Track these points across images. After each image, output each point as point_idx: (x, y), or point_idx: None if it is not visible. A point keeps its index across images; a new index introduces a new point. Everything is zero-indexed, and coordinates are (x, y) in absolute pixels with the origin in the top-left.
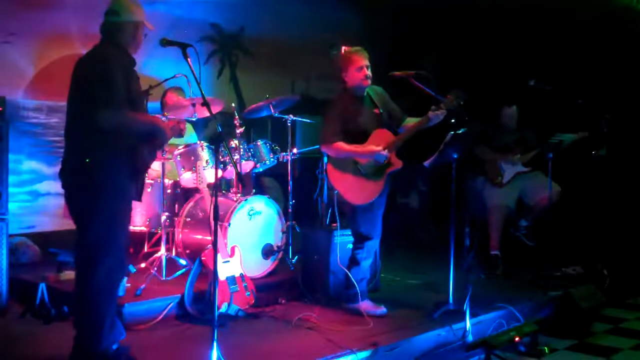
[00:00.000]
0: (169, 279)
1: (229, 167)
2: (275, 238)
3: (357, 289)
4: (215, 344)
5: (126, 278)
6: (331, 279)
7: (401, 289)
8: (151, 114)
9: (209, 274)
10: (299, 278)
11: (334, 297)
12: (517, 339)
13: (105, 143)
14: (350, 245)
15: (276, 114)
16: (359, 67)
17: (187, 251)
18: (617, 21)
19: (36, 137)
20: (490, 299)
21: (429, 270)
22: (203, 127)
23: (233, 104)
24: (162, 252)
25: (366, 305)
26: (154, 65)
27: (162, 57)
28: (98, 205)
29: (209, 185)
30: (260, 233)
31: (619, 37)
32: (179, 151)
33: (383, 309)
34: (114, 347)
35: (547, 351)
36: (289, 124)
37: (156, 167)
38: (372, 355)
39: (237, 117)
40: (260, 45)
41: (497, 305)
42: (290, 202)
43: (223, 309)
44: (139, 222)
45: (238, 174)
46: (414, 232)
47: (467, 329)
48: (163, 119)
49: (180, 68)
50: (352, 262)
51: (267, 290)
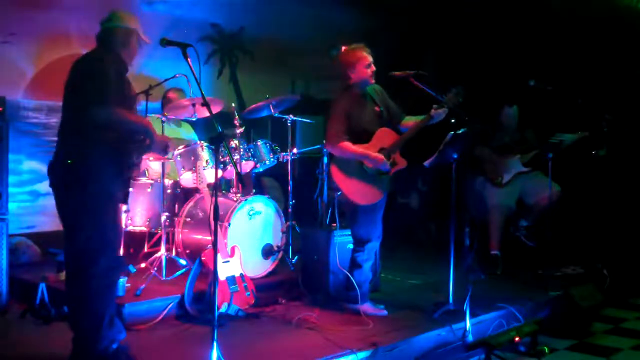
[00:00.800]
0: (169, 279)
1: (229, 167)
2: (275, 238)
3: (359, 291)
4: (215, 344)
5: (126, 278)
6: (331, 279)
7: (401, 289)
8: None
9: (209, 274)
10: (299, 278)
11: (334, 297)
12: (517, 339)
13: (91, 143)
14: (350, 245)
15: (276, 114)
16: (367, 63)
17: (187, 251)
18: (617, 21)
19: (36, 137)
20: (490, 299)
21: (429, 270)
22: (203, 128)
23: (233, 104)
24: (162, 252)
25: (366, 307)
26: (154, 65)
27: (162, 57)
28: (83, 206)
29: (209, 185)
30: (260, 233)
31: (619, 37)
32: (179, 151)
33: (383, 311)
34: (114, 346)
35: (547, 351)
36: (289, 124)
37: (156, 167)
38: (372, 355)
39: (237, 117)
40: (260, 45)
41: (497, 305)
42: (290, 202)
43: (223, 309)
44: (139, 222)
45: (238, 174)
46: (414, 232)
47: (467, 329)
48: (163, 118)
49: (180, 68)
50: (354, 264)
51: (267, 290)
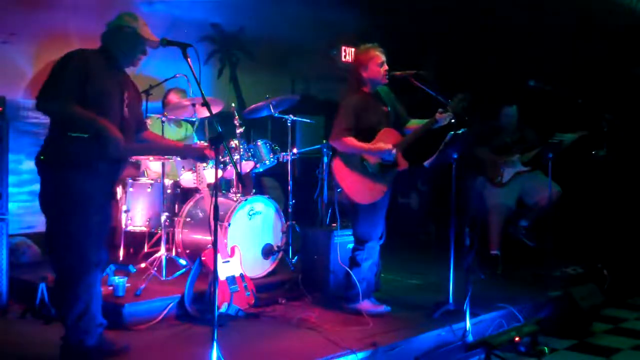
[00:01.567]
0: (169, 279)
1: (229, 167)
2: (275, 238)
3: (358, 288)
4: (215, 344)
5: (126, 278)
6: (331, 279)
7: (401, 289)
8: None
9: (209, 274)
10: (299, 278)
11: (334, 297)
12: (517, 339)
13: (59, 140)
14: (351, 245)
15: (276, 114)
16: (380, 62)
17: (187, 251)
18: (617, 21)
19: (36, 137)
20: (490, 299)
21: (429, 270)
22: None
23: (233, 104)
24: (162, 252)
25: (366, 305)
26: (154, 65)
27: (162, 57)
28: (52, 200)
29: (209, 185)
30: (260, 233)
31: (619, 37)
32: None
33: (383, 308)
34: (90, 342)
35: (547, 351)
36: (289, 124)
37: (156, 167)
38: (372, 355)
39: (237, 117)
40: (260, 45)
41: (497, 305)
42: (290, 202)
43: (223, 309)
44: (139, 222)
45: (238, 174)
46: (414, 232)
47: (467, 329)
48: (163, 119)
49: (180, 68)
50: (352, 263)
51: (267, 290)
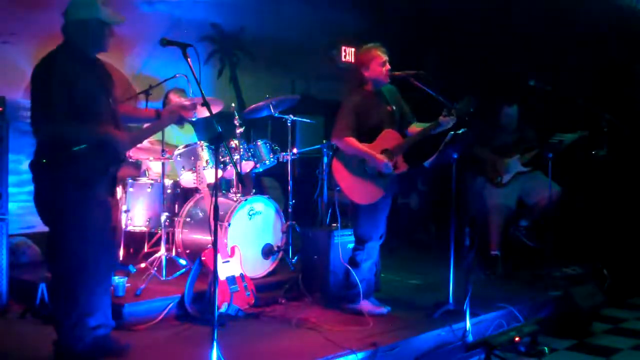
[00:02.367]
0: (169, 279)
1: (229, 167)
2: (275, 238)
3: (359, 289)
4: (215, 344)
5: (126, 278)
6: (331, 279)
7: (401, 289)
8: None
9: (209, 274)
10: (299, 278)
11: (334, 297)
12: (517, 339)
13: (58, 145)
14: (351, 245)
15: (276, 114)
16: (382, 62)
17: (187, 251)
18: (617, 21)
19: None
20: (490, 299)
21: (429, 270)
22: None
23: (233, 104)
24: (162, 252)
25: (366, 305)
26: (154, 65)
27: (162, 57)
28: (52, 203)
29: (209, 185)
30: (260, 233)
31: (619, 37)
32: (179, 151)
33: (383, 309)
34: (80, 346)
35: (547, 351)
36: (289, 124)
37: (156, 167)
38: (372, 355)
39: (237, 117)
40: (260, 45)
41: (497, 305)
42: (290, 202)
43: (223, 309)
44: (139, 222)
45: (238, 174)
46: (414, 232)
47: (467, 329)
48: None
49: (180, 68)
50: (352, 263)
51: (267, 290)
